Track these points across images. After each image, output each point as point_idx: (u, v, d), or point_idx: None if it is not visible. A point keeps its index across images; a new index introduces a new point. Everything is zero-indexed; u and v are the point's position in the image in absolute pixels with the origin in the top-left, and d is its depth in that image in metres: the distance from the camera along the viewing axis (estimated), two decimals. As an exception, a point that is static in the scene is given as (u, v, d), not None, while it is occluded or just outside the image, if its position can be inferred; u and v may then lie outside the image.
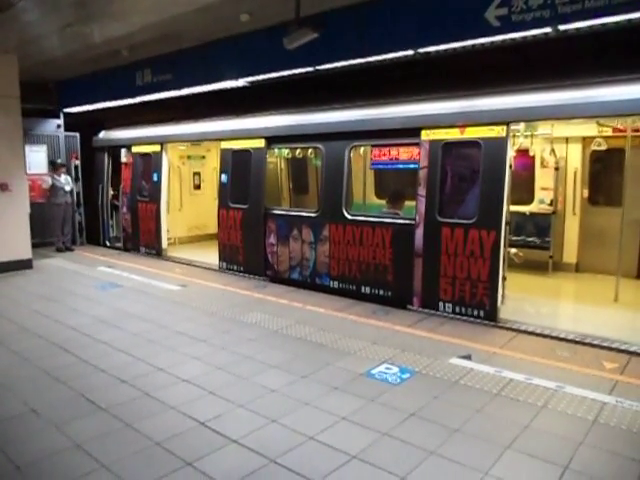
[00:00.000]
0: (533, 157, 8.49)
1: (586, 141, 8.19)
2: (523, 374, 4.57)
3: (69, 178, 11.14)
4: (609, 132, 7.67)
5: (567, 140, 8.39)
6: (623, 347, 5.14)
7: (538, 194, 8.72)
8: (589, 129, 7.88)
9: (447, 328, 5.90)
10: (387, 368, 4.74)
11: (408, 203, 7.24)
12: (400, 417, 3.83)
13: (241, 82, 7.97)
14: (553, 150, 8.23)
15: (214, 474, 3.13)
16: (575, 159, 8.44)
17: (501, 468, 3.18)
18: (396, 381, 4.46)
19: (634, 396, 4.12)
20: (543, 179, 8.65)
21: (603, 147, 7.60)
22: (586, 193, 8.50)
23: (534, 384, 4.37)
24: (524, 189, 8.73)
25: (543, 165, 8.62)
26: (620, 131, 7.47)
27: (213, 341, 5.50)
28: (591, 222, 8.44)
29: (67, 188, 10.87)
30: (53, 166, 11.04)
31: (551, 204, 8.51)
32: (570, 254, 8.65)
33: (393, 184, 9.61)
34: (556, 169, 8.36)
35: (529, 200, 8.76)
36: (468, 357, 4.98)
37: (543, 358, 4.95)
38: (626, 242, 7.53)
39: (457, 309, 6.22)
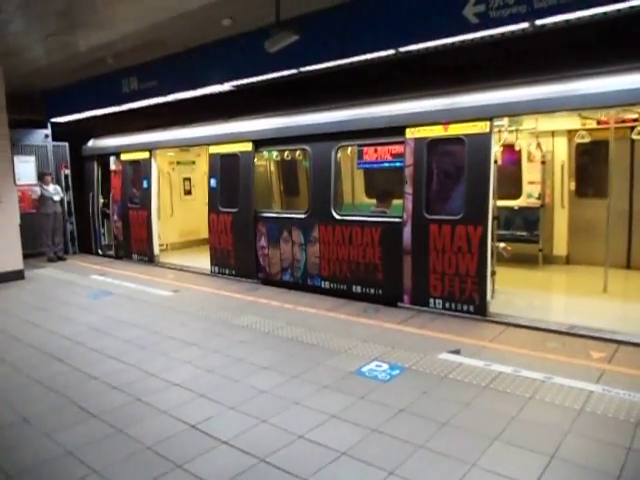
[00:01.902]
0: (520, 152, 8.56)
1: (571, 134, 8.26)
2: (512, 366, 4.61)
3: (58, 188, 11.11)
4: (593, 124, 7.74)
5: (553, 134, 8.47)
6: (611, 337, 5.19)
7: (526, 188, 8.78)
8: (574, 122, 7.96)
9: (437, 324, 5.94)
10: (377, 365, 4.77)
11: (396, 201, 7.29)
12: (389, 413, 3.86)
13: (227, 86, 8.00)
14: (539, 144, 8.29)
15: (204, 475, 3.15)
16: (561, 152, 8.52)
17: (489, 459, 3.22)
18: (386, 378, 4.50)
19: (620, 384, 4.17)
20: (530, 173, 8.71)
21: (586, 140, 7.67)
22: (573, 186, 8.58)
23: (522, 376, 4.41)
24: (512, 184, 8.79)
25: (530, 159, 8.68)
26: (605, 123, 7.54)
27: (205, 345, 5.52)
28: (579, 214, 8.52)
29: (56, 198, 10.83)
30: (40, 176, 11.04)
31: (539, 198, 8.58)
32: (560, 247, 8.72)
33: (382, 183, 9.66)
34: (542, 163, 8.43)
35: (517, 194, 8.82)
36: (457, 352, 5.02)
37: (532, 350, 5.00)
38: (615, 233, 7.59)
39: (447, 305, 6.26)
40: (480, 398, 4.06)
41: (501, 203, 8.63)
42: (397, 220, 6.65)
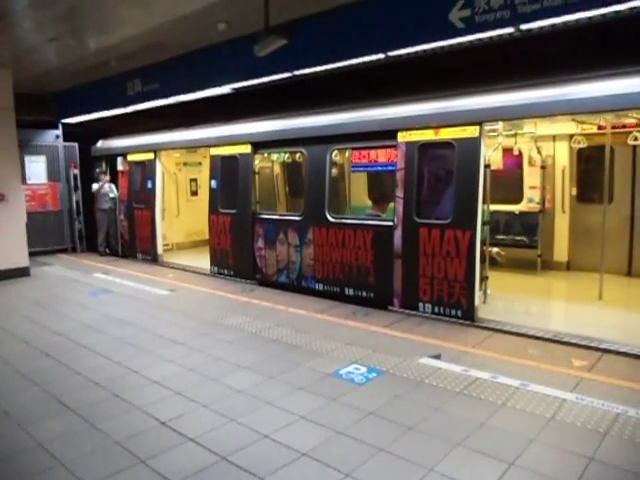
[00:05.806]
0: (521, 156, 8.48)
1: (573, 139, 8.16)
2: (489, 373, 4.59)
3: (113, 186, 11.59)
4: (593, 129, 7.63)
5: (554, 138, 8.37)
6: (596, 345, 5.11)
7: (527, 193, 8.70)
8: (575, 127, 7.84)
9: (424, 328, 5.92)
10: (355, 368, 4.79)
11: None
12: (358, 416, 3.88)
13: (226, 89, 8.09)
14: (538, 148, 8.21)
15: (164, 471, 3.22)
16: (563, 157, 8.41)
17: (447, 465, 3.22)
18: (362, 381, 4.51)
19: (595, 393, 4.12)
20: (532, 178, 8.63)
21: (583, 145, 7.57)
22: (574, 191, 8.47)
23: (498, 382, 4.39)
24: (514, 188, 8.73)
25: (531, 164, 8.61)
26: (605, 128, 7.42)
27: (190, 343, 5.60)
28: (581, 220, 8.39)
29: (111, 195, 11.51)
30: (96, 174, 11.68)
31: (539, 203, 8.48)
32: (560, 252, 8.60)
33: (384, 186, 9.64)
34: (542, 167, 8.34)
35: (519, 199, 8.75)
36: (438, 357, 5.01)
37: (513, 357, 4.96)
38: (617, 239, 7.48)
39: (436, 309, 6.24)
40: (451, 403, 4.05)
41: (502, 208, 8.61)
42: (389, 224, 6.65)
